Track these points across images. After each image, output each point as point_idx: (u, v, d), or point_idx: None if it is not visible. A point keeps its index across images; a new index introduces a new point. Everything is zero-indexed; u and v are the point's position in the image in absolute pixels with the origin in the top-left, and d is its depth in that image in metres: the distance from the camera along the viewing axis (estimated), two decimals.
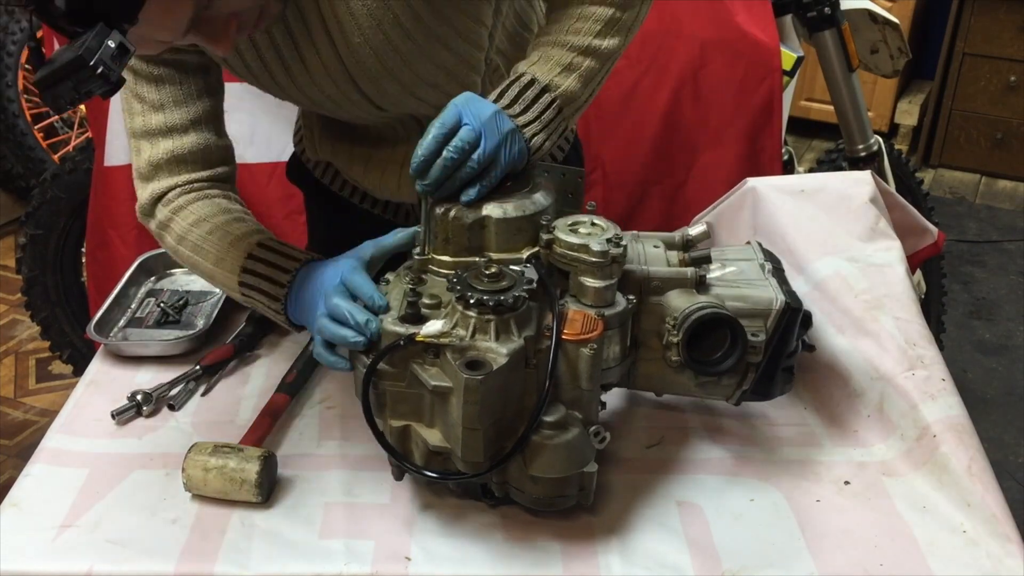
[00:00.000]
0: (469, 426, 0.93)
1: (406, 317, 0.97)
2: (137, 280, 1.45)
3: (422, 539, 1.02)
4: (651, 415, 1.22)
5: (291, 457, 1.13)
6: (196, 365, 1.26)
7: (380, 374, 0.98)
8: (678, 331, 1.05)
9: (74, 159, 2.33)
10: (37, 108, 3.56)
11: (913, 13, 4.10)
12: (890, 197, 1.44)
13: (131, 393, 1.20)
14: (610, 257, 0.99)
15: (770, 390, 1.11)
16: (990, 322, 3.25)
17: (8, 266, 3.27)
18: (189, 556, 0.99)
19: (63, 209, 2.34)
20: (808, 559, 1.01)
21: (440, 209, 1.04)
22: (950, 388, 1.15)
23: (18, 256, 2.41)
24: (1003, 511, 1.03)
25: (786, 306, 1.07)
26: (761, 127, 2.17)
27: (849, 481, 1.11)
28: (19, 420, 2.66)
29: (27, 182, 3.43)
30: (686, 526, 1.05)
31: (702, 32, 2.11)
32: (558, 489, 0.99)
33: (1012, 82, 4.13)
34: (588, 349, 0.97)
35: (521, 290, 0.97)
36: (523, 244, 1.05)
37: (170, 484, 1.08)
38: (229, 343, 1.30)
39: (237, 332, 1.33)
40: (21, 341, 2.96)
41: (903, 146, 4.29)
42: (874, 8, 2.41)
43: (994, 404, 2.83)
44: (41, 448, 1.15)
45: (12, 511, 1.05)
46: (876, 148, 2.38)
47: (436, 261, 1.05)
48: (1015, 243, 3.77)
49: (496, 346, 0.94)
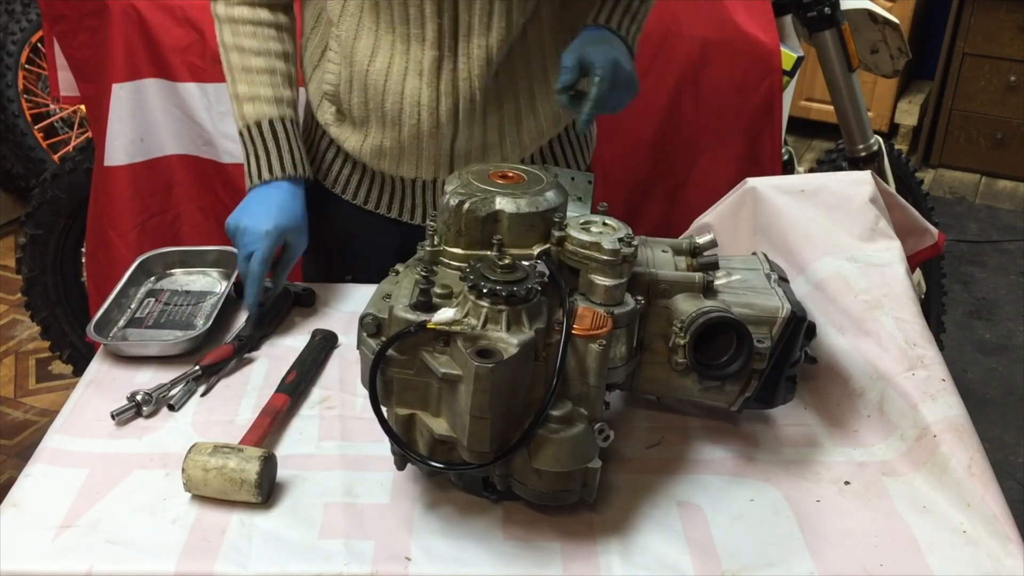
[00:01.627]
0: (477, 415, 0.93)
1: (417, 305, 0.98)
2: (137, 280, 1.45)
3: (422, 539, 1.02)
4: (652, 415, 1.22)
5: (291, 457, 1.13)
6: (196, 365, 1.26)
7: (388, 360, 0.98)
8: (685, 334, 1.06)
9: (74, 159, 2.33)
10: (37, 108, 3.56)
11: (913, 13, 4.11)
12: (890, 197, 1.44)
13: (131, 393, 1.20)
14: (621, 256, 1.00)
15: (773, 398, 1.12)
16: (990, 322, 3.25)
17: (8, 266, 3.27)
18: (189, 556, 0.99)
19: (63, 209, 2.34)
20: (808, 559, 1.01)
21: (454, 202, 1.05)
22: (950, 388, 1.15)
23: (18, 256, 2.41)
24: (1003, 511, 1.03)
25: (792, 315, 1.08)
26: (761, 127, 2.17)
27: (849, 481, 1.11)
28: (19, 420, 2.66)
29: (27, 182, 3.43)
30: (686, 526, 1.05)
31: (702, 32, 2.11)
32: (561, 484, 0.99)
33: (1012, 82, 4.14)
34: (597, 345, 0.98)
35: (534, 282, 0.98)
36: (535, 240, 1.06)
37: (170, 484, 1.08)
38: (229, 343, 1.30)
39: (237, 333, 1.33)
40: (21, 341, 2.96)
41: (903, 146, 4.29)
42: (874, 8, 2.41)
43: (994, 404, 2.83)
44: (41, 448, 1.15)
45: (12, 511, 1.05)
46: (876, 148, 2.38)
47: (447, 253, 1.06)
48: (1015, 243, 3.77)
49: (507, 336, 0.95)
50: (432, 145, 1.37)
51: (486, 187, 1.07)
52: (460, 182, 1.09)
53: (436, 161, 1.39)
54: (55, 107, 3.58)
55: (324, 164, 1.48)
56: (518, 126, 1.40)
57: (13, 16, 3.48)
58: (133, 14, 2.04)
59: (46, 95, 3.52)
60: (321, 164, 1.48)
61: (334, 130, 1.43)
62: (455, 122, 1.35)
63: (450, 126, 1.35)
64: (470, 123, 1.36)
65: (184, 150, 2.15)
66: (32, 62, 3.54)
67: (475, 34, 1.30)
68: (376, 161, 1.41)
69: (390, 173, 1.42)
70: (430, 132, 1.35)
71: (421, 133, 1.36)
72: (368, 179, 1.45)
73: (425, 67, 1.32)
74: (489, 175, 1.11)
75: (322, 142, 1.47)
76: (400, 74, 1.33)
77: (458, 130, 1.36)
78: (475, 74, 1.32)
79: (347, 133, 1.41)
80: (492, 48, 1.31)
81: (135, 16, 2.05)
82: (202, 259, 1.51)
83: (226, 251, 1.50)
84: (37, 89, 3.56)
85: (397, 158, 1.39)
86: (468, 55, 1.31)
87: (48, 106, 3.59)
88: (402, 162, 1.40)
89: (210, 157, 2.14)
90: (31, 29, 3.51)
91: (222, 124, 2.11)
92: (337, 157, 1.46)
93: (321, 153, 1.48)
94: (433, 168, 1.39)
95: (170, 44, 2.07)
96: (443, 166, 1.39)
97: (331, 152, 1.46)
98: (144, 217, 2.14)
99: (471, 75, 1.32)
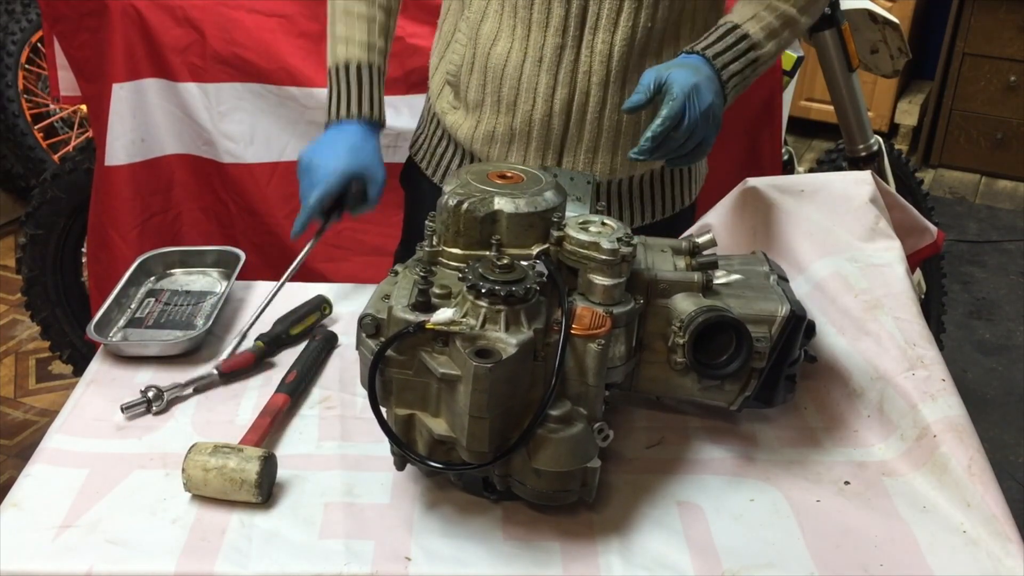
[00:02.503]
0: (476, 415, 0.93)
1: (416, 305, 0.98)
2: (137, 280, 1.45)
3: (422, 539, 1.02)
4: (651, 415, 1.22)
5: (291, 457, 1.13)
6: (214, 369, 1.25)
7: (387, 361, 0.98)
8: (684, 333, 1.06)
9: (74, 159, 2.33)
10: (37, 108, 3.56)
11: (913, 13, 4.11)
12: (890, 197, 1.44)
13: (144, 387, 1.20)
14: (620, 256, 1.01)
15: (772, 397, 1.12)
16: (990, 322, 3.25)
17: (8, 266, 3.27)
18: (189, 556, 0.99)
19: (63, 209, 2.34)
20: (808, 559, 1.01)
21: (452, 202, 1.05)
22: (950, 388, 1.15)
23: (18, 256, 2.41)
24: (1003, 511, 1.03)
25: (791, 314, 1.08)
26: (761, 127, 2.17)
27: (849, 481, 1.11)
28: (19, 420, 2.66)
29: (27, 182, 3.43)
30: (686, 526, 1.05)
31: None
32: (561, 483, 0.99)
33: (1012, 82, 4.14)
34: (596, 345, 0.98)
35: (532, 282, 0.98)
36: (533, 240, 1.06)
37: (170, 484, 1.08)
38: (250, 352, 1.29)
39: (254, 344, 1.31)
40: (21, 341, 2.96)
41: (903, 146, 4.29)
42: (874, 8, 2.41)
43: (994, 404, 2.83)
44: (41, 448, 1.15)
45: (12, 511, 1.05)
46: (876, 148, 2.38)
47: (446, 254, 1.06)
48: (1015, 243, 3.77)
49: (506, 336, 0.95)
50: (542, 135, 1.37)
51: (485, 187, 1.07)
52: (459, 182, 1.09)
53: (543, 153, 1.39)
54: (55, 107, 3.58)
55: (435, 158, 1.51)
56: (633, 140, 1.34)
57: (13, 16, 3.48)
58: (133, 14, 2.05)
59: (46, 95, 3.52)
60: (431, 158, 1.51)
61: (449, 118, 1.46)
62: (568, 113, 1.36)
63: (562, 116, 1.36)
64: (582, 119, 1.36)
65: (184, 150, 2.15)
66: (32, 62, 3.54)
67: (601, 28, 1.30)
68: (486, 148, 1.42)
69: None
70: (542, 120, 1.36)
71: (533, 120, 1.37)
72: None
73: (546, 55, 1.33)
74: (488, 175, 1.11)
75: (435, 135, 1.51)
76: (519, 59, 1.35)
77: (570, 123, 1.36)
78: (595, 68, 1.32)
79: (461, 119, 1.44)
80: (615, 46, 1.31)
81: (135, 16, 2.05)
82: (202, 259, 1.51)
83: (226, 251, 1.50)
84: (37, 89, 3.56)
85: (507, 144, 1.40)
86: (591, 48, 1.32)
87: (48, 106, 3.59)
88: (511, 150, 1.40)
89: (210, 157, 2.14)
90: (31, 29, 3.51)
91: (222, 124, 2.11)
92: (448, 149, 1.48)
93: (433, 147, 1.51)
94: (540, 161, 1.40)
95: (170, 44, 2.07)
96: (550, 160, 1.40)
97: (443, 144, 1.49)
98: (144, 217, 2.14)
99: (591, 68, 1.32)
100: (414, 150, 1.57)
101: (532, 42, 1.34)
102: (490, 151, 1.42)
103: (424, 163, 1.53)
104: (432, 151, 1.52)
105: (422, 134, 1.55)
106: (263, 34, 2.09)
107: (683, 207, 1.52)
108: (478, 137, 1.42)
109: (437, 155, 1.51)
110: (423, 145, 1.54)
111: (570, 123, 1.37)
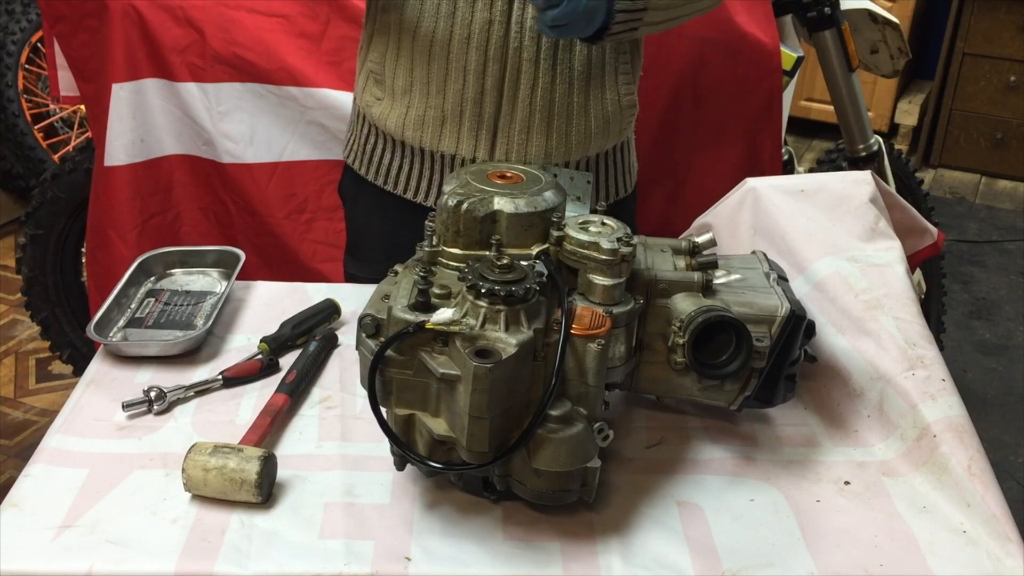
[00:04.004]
0: (476, 415, 0.93)
1: (416, 305, 0.98)
2: (137, 280, 1.45)
3: (422, 539, 1.02)
4: (651, 415, 1.22)
5: (291, 457, 1.13)
6: (219, 375, 1.25)
7: (387, 361, 0.98)
8: (684, 333, 1.06)
9: (74, 159, 2.33)
10: (37, 108, 3.56)
11: (913, 13, 4.11)
12: (890, 197, 1.44)
13: (147, 387, 1.20)
14: (620, 256, 1.01)
15: (772, 397, 1.12)
16: (990, 322, 3.25)
17: (8, 266, 3.27)
18: (189, 556, 0.99)
19: (63, 209, 2.34)
20: (808, 559, 1.01)
21: (452, 202, 1.05)
22: (950, 388, 1.15)
23: (18, 256, 2.41)
24: (1003, 511, 1.03)
25: (791, 313, 1.08)
26: (761, 127, 2.17)
27: (849, 481, 1.11)
28: (19, 420, 2.66)
29: (27, 182, 3.43)
30: (686, 526, 1.05)
31: (702, 32, 2.11)
32: (561, 483, 0.99)
33: (1012, 82, 4.14)
34: (596, 345, 0.98)
35: (532, 282, 0.98)
36: (533, 240, 1.06)
37: (170, 484, 1.08)
38: (255, 359, 1.29)
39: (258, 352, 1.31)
40: (21, 341, 2.96)
41: (903, 146, 4.30)
42: (874, 8, 2.41)
43: (994, 404, 2.83)
44: (41, 448, 1.15)
45: (12, 511, 1.05)
46: (876, 148, 2.38)
47: (446, 254, 1.06)
48: (1015, 243, 3.77)
49: (506, 336, 0.95)
50: (475, 114, 1.35)
51: (484, 187, 1.08)
52: (459, 182, 1.09)
53: (476, 134, 1.37)
54: (55, 107, 3.58)
55: (365, 155, 1.49)
56: (568, 121, 1.37)
57: (13, 16, 3.48)
58: (133, 14, 2.05)
59: (46, 95, 3.52)
60: (363, 157, 1.49)
61: (375, 110, 1.43)
62: (499, 91, 1.34)
63: (494, 94, 1.34)
64: (514, 96, 1.34)
65: (184, 150, 2.15)
66: (32, 62, 3.54)
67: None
68: (418, 133, 1.40)
69: (431, 149, 1.41)
70: (474, 100, 1.34)
71: (465, 100, 1.35)
72: (408, 162, 1.44)
73: (475, 31, 1.31)
74: (488, 175, 1.11)
75: (363, 133, 1.49)
76: (446, 37, 1.32)
77: (502, 100, 1.35)
78: (525, 44, 1.31)
79: (387, 109, 1.41)
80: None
81: (135, 16, 2.05)
82: (202, 259, 1.51)
83: (226, 251, 1.50)
84: (37, 89, 3.56)
85: (439, 128, 1.38)
86: (520, 24, 1.30)
87: (48, 106, 3.59)
88: (443, 133, 1.39)
89: (210, 157, 2.14)
90: (31, 29, 3.51)
91: (222, 124, 2.11)
92: (378, 143, 1.47)
93: (363, 144, 1.49)
94: (473, 143, 1.38)
95: (170, 44, 2.07)
96: (483, 142, 1.38)
97: (372, 140, 1.47)
98: (144, 217, 2.14)
99: (522, 44, 1.31)
100: (346, 154, 1.55)
101: (459, 18, 1.31)
102: (422, 136, 1.40)
103: (357, 164, 1.51)
104: (362, 149, 1.50)
105: (352, 136, 1.53)
106: (263, 34, 2.09)
107: (618, 197, 1.51)
108: (408, 123, 1.39)
109: (368, 152, 1.49)
110: (354, 146, 1.52)
111: (502, 101, 1.35)
